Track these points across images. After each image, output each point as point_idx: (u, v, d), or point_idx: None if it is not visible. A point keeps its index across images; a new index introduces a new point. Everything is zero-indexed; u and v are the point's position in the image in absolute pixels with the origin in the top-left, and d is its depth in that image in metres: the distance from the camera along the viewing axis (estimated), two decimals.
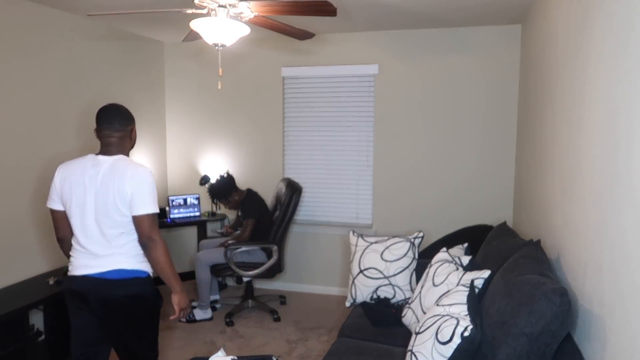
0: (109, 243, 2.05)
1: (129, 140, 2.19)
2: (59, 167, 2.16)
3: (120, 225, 2.05)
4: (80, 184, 2.06)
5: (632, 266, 1.35)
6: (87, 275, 2.06)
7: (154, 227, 2.05)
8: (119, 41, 4.15)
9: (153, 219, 2.05)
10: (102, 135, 2.12)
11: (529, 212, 3.13)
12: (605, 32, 1.67)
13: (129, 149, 2.20)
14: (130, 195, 2.01)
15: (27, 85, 3.27)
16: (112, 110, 2.14)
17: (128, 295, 2.07)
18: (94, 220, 2.04)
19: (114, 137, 2.11)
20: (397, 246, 2.92)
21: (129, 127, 2.17)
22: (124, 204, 2.01)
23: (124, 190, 2.00)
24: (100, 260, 2.06)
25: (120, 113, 2.14)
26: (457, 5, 3.33)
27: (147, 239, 2.03)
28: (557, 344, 1.61)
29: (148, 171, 2.09)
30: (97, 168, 2.07)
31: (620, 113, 1.49)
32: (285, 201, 3.90)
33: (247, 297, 4.10)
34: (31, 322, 3.16)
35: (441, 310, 1.91)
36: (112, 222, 2.03)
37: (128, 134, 2.17)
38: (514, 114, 3.94)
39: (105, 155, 2.11)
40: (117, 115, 2.12)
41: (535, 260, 1.98)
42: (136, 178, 2.03)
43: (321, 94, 4.42)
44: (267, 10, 2.44)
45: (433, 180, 4.19)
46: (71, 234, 2.14)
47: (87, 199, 2.04)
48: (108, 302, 2.06)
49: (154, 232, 2.04)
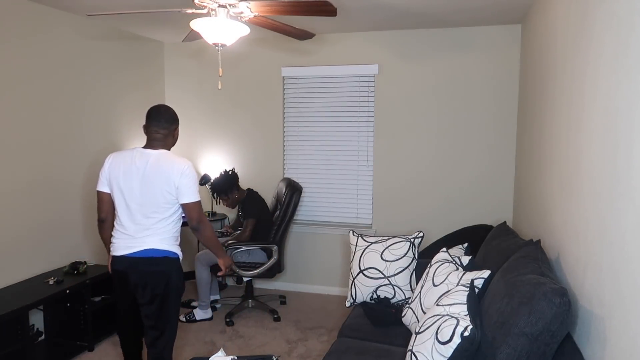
0: (147, 226, 2.36)
1: (172, 138, 2.49)
2: (110, 155, 2.45)
3: (162, 211, 2.36)
4: (128, 171, 2.34)
5: (632, 266, 1.35)
6: (125, 255, 2.39)
7: (201, 212, 2.43)
8: (119, 41, 4.15)
9: (200, 205, 2.42)
10: (150, 131, 2.42)
11: (529, 212, 3.13)
12: (605, 32, 1.67)
13: (171, 145, 2.50)
14: (178, 185, 2.33)
15: (27, 85, 3.27)
16: (162, 109, 2.47)
17: (156, 272, 2.39)
18: (138, 205, 2.34)
19: (160, 134, 2.42)
20: (397, 246, 2.92)
21: (173, 127, 2.48)
22: (170, 192, 2.33)
23: (172, 180, 2.31)
24: (137, 241, 2.37)
25: (168, 113, 2.47)
26: (457, 5, 3.33)
27: (198, 222, 2.40)
28: (557, 344, 1.61)
29: (191, 164, 2.40)
30: (145, 159, 2.35)
31: (620, 113, 1.49)
32: (285, 201, 3.90)
33: (247, 297, 4.10)
34: (31, 322, 3.16)
35: (441, 310, 1.91)
36: (155, 207, 2.34)
37: (172, 133, 2.47)
38: (514, 113, 3.94)
39: (151, 149, 2.40)
40: (166, 114, 2.45)
41: (535, 260, 1.98)
42: (183, 170, 2.34)
43: (321, 94, 4.42)
44: (267, 10, 2.44)
45: (433, 180, 4.19)
46: (113, 216, 2.46)
47: (134, 185, 2.33)
48: (141, 276, 2.39)
49: (202, 216, 2.43)
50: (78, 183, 3.73)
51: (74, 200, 3.69)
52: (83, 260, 3.57)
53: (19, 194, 3.24)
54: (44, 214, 3.44)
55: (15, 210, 3.21)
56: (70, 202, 3.66)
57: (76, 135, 3.71)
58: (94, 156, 3.87)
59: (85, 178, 3.80)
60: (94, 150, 3.88)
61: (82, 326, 3.35)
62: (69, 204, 3.64)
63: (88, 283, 3.34)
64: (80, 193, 3.75)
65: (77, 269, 3.42)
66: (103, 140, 3.98)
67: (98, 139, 3.93)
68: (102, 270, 3.54)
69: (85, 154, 3.79)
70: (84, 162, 3.78)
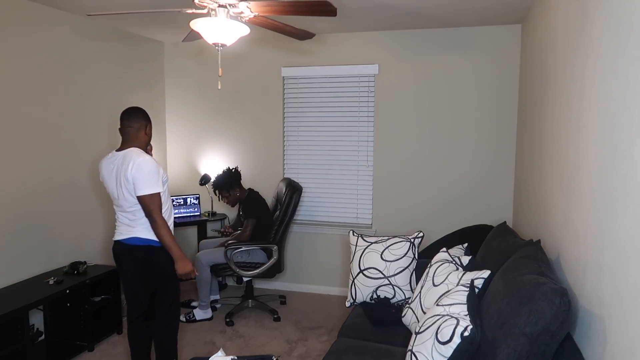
0: (132, 218, 2.59)
1: (144, 135, 2.63)
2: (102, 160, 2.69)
3: (135, 204, 2.53)
4: (107, 173, 2.60)
5: (632, 266, 1.35)
6: (117, 240, 2.66)
7: (153, 206, 2.49)
8: (119, 41, 4.15)
9: (154, 199, 2.50)
10: (122, 127, 2.62)
11: (529, 212, 3.13)
12: (605, 32, 1.67)
13: (144, 143, 2.64)
14: (132, 179, 2.47)
15: (26, 85, 3.27)
16: (132, 108, 2.66)
17: (140, 259, 2.62)
18: (119, 202, 2.60)
19: (131, 127, 2.60)
20: (397, 246, 2.92)
21: (144, 123, 2.63)
22: (128, 188, 2.50)
23: (128, 176, 2.47)
24: (126, 229, 2.62)
25: (139, 111, 2.66)
26: (458, 5, 3.33)
27: (148, 216, 2.52)
28: (557, 344, 1.61)
29: (149, 158, 2.52)
30: (115, 159, 2.57)
31: (619, 113, 1.49)
32: (285, 201, 3.90)
33: (247, 297, 4.10)
34: (31, 322, 3.16)
35: (441, 310, 1.91)
36: (129, 203, 2.54)
37: (142, 129, 2.62)
38: (514, 114, 3.94)
39: (119, 151, 2.59)
40: (136, 112, 2.64)
41: (535, 260, 1.98)
42: (136, 163, 2.47)
43: (321, 94, 4.42)
44: (267, 10, 2.44)
45: (433, 180, 4.19)
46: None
47: (111, 185, 2.60)
48: (129, 262, 2.65)
49: (153, 211, 2.50)
50: (78, 183, 3.73)
51: (74, 200, 3.68)
52: (83, 260, 3.57)
53: (19, 194, 3.24)
54: (44, 214, 3.44)
55: (15, 210, 3.21)
56: (71, 202, 3.66)
57: (77, 136, 3.71)
58: (94, 156, 3.87)
59: (86, 178, 3.80)
60: (94, 150, 3.87)
61: (82, 326, 3.35)
62: (69, 204, 3.64)
63: (88, 283, 3.34)
64: (81, 193, 3.75)
65: (77, 269, 3.42)
66: (103, 140, 3.98)
67: (98, 139, 3.93)
68: (102, 270, 3.54)
69: (85, 154, 3.79)
70: (84, 162, 3.78)
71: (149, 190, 2.48)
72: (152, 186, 2.49)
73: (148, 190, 2.48)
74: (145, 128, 2.64)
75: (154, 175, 2.49)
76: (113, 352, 3.33)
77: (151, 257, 2.62)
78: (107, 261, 3.91)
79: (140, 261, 2.63)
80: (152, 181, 2.49)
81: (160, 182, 2.54)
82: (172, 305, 2.76)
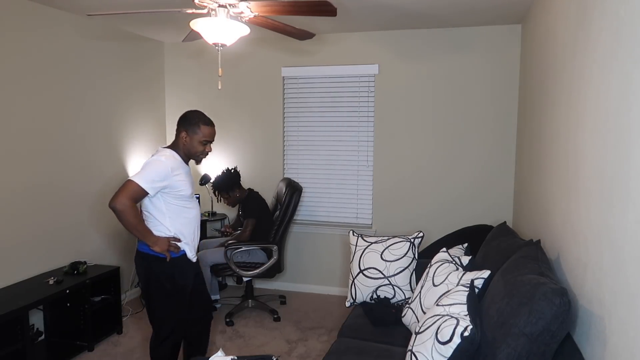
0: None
1: (178, 140, 2.51)
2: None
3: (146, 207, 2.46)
4: None
5: (632, 266, 1.35)
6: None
7: (123, 188, 2.30)
8: (119, 41, 4.15)
9: (129, 186, 2.30)
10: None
11: (529, 212, 3.13)
12: (605, 32, 1.67)
13: (179, 148, 2.50)
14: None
15: (26, 85, 3.27)
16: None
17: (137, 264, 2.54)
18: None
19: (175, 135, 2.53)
20: (397, 246, 2.92)
21: (179, 129, 2.50)
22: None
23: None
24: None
25: (181, 115, 2.53)
26: (458, 5, 3.33)
27: (113, 196, 2.31)
28: (557, 344, 1.61)
29: (163, 159, 2.39)
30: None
31: (620, 113, 1.49)
32: (285, 201, 3.90)
33: (247, 297, 4.10)
34: (31, 322, 3.16)
35: (441, 310, 1.91)
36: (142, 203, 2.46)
37: (178, 134, 2.50)
38: (514, 114, 3.94)
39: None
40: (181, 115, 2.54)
41: (535, 260, 1.98)
42: (148, 160, 2.42)
43: (321, 93, 4.42)
44: (267, 10, 2.44)
45: (433, 180, 4.19)
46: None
47: None
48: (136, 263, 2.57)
49: (119, 193, 2.29)
50: (78, 183, 3.73)
51: (74, 200, 3.68)
52: (83, 260, 3.57)
53: (19, 194, 3.24)
54: (44, 214, 3.44)
55: (15, 211, 3.21)
56: (71, 202, 3.66)
57: (77, 136, 3.71)
58: (94, 156, 3.87)
59: (86, 178, 3.80)
60: (94, 151, 3.88)
61: (82, 326, 3.35)
62: (69, 204, 3.64)
63: (88, 283, 3.34)
64: (81, 193, 3.75)
65: (77, 269, 3.42)
66: (103, 140, 3.99)
67: (98, 139, 3.93)
68: (102, 270, 3.54)
69: (85, 154, 3.79)
70: (85, 162, 3.78)
71: (135, 176, 2.31)
72: (140, 176, 2.32)
73: (134, 177, 2.31)
74: (180, 133, 2.49)
75: (150, 172, 2.34)
76: (113, 352, 3.33)
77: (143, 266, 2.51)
78: (107, 261, 3.92)
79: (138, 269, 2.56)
80: (144, 173, 2.34)
81: (153, 184, 2.33)
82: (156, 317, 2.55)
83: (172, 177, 2.38)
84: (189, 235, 2.53)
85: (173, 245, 2.44)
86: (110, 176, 4.06)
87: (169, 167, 2.37)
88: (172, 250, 2.44)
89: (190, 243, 2.54)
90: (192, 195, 2.55)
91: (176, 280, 2.49)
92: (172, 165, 2.39)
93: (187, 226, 2.52)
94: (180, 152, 2.49)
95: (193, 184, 2.58)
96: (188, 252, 2.54)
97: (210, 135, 2.51)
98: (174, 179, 2.39)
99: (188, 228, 2.52)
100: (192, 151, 2.50)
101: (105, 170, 4.01)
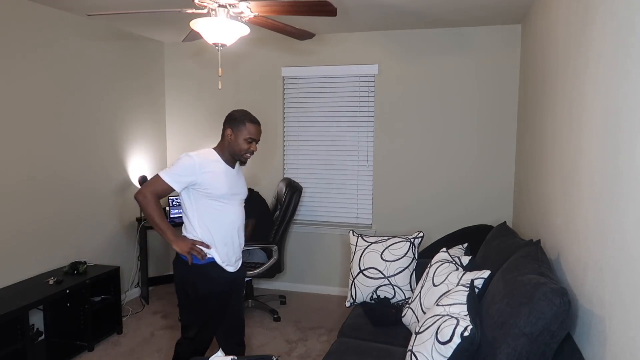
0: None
1: (223, 138, 2.44)
2: None
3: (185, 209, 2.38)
4: None
5: (632, 266, 1.35)
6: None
7: (149, 182, 2.32)
8: (119, 41, 4.15)
9: (154, 179, 2.30)
10: None
11: (529, 212, 3.13)
12: (606, 31, 1.67)
13: (223, 147, 2.43)
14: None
15: (26, 85, 3.27)
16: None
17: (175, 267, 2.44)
18: None
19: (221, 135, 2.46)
20: (397, 246, 2.92)
21: (224, 126, 2.44)
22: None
23: None
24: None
25: (227, 116, 2.48)
26: (458, 5, 3.33)
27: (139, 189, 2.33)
28: (557, 344, 1.61)
29: (193, 154, 2.32)
30: None
31: (620, 113, 1.49)
32: (285, 201, 3.90)
33: (247, 297, 4.10)
34: (31, 322, 3.16)
35: (441, 310, 1.91)
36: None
37: (224, 132, 2.43)
38: (514, 114, 3.94)
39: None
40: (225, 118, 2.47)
41: (535, 260, 1.98)
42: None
43: (321, 94, 4.42)
44: (267, 10, 2.44)
45: (433, 181, 4.19)
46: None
47: None
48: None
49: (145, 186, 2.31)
50: (78, 183, 3.73)
51: (74, 200, 3.68)
52: (83, 260, 3.57)
53: (20, 194, 3.24)
54: (45, 214, 3.44)
55: (15, 211, 3.21)
56: (71, 202, 3.65)
57: (77, 136, 3.71)
58: (94, 155, 3.87)
59: (86, 178, 3.80)
60: (94, 150, 3.87)
61: (82, 326, 3.35)
62: (69, 204, 3.64)
63: (88, 283, 3.34)
64: (81, 193, 3.75)
65: (77, 269, 3.42)
66: (103, 140, 3.98)
67: (99, 138, 3.93)
68: (102, 270, 3.54)
69: (85, 153, 3.79)
70: (84, 161, 3.78)
71: (162, 171, 2.29)
72: (166, 170, 2.29)
73: (160, 172, 2.29)
74: (225, 131, 2.41)
75: (176, 167, 2.28)
76: (113, 352, 3.33)
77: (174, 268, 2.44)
78: (107, 261, 3.92)
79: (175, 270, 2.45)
80: (171, 168, 2.29)
81: (178, 178, 2.27)
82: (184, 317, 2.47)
83: (200, 173, 2.28)
84: (219, 241, 2.36)
85: (197, 249, 2.30)
86: (110, 176, 4.06)
87: (197, 162, 2.29)
88: (195, 255, 2.30)
89: (221, 249, 2.37)
90: (231, 197, 2.40)
91: (197, 287, 2.35)
92: (202, 161, 2.31)
93: (218, 230, 2.36)
94: (225, 152, 2.41)
95: (236, 187, 2.44)
96: (218, 259, 2.36)
97: (255, 133, 2.42)
98: (202, 175, 2.29)
99: (219, 233, 2.36)
100: (237, 149, 2.39)
101: (106, 170, 4.01)
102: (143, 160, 4.46)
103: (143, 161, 4.46)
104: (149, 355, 3.28)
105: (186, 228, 2.39)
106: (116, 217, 4.16)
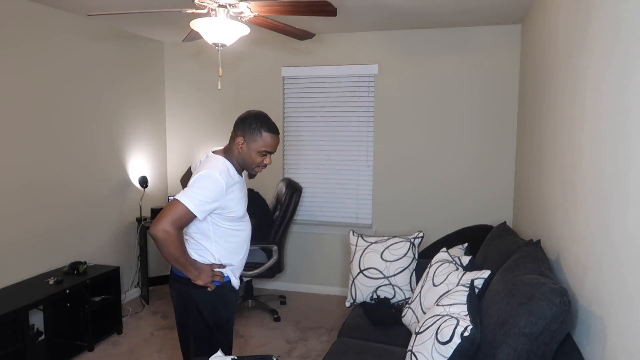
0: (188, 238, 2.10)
1: (234, 144, 2.09)
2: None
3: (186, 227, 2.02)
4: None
5: (632, 266, 1.35)
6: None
7: (167, 211, 1.86)
8: (119, 41, 4.15)
9: (173, 204, 1.88)
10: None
11: (529, 212, 3.13)
12: (606, 32, 1.67)
13: (233, 154, 2.09)
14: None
15: (26, 85, 3.27)
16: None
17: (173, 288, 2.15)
18: None
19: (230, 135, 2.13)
20: (397, 246, 2.92)
21: (235, 132, 2.10)
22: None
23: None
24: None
25: (240, 117, 2.12)
26: (457, 5, 3.33)
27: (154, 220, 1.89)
28: (557, 344, 1.61)
29: (210, 171, 1.95)
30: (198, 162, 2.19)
31: (620, 113, 1.49)
32: (285, 201, 3.90)
33: (247, 297, 4.10)
34: (31, 322, 3.16)
35: (441, 310, 1.91)
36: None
37: (234, 137, 2.10)
38: (514, 114, 3.94)
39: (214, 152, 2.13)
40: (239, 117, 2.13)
41: (535, 260, 1.98)
42: (200, 175, 1.94)
43: (321, 94, 4.42)
44: (267, 10, 2.44)
45: (433, 181, 4.19)
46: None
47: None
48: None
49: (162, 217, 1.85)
50: (78, 183, 3.73)
51: (74, 200, 3.68)
52: (83, 260, 3.57)
53: (20, 194, 3.24)
54: (45, 214, 3.44)
55: (15, 211, 3.21)
56: (71, 202, 3.65)
57: (77, 136, 3.71)
58: (94, 155, 3.87)
59: (86, 178, 3.79)
60: (94, 150, 3.87)
61: (82, 326, 3.34)
62: (69, 204, 3.64)
63: (88, 283, 3.34)
64: (81, 193, 3.75)
65: (77, 269, 3.42)
66: (103, 140, 3.98)
67: (99, 139, 3.93)
68: (102, 270, 3.54)
69: (86, 153, 3.79)
70: (85, 161, 3.78)
71: (182, 195, 1.88)
72: (188, 196, 1.88)
73: (180, 196, 1.89)
74: (236, 138, 2.08)
75: (201, 191, 1.90)
76: (113, 352, 3.33)
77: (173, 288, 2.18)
78: (107, 261, 3.92)
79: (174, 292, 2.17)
80: (194, 192, 1.90)
81: (204, 206, 1.91)
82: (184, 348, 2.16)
83: (225, 196, 1.96)
84: (237, 263, 2.14)
85: (218, 273, 2.06)
86: (110, 176, 4.06)
87: (223, 185, 1.94)
88: (216, 280, 2.05)
89: (237, 272, 2.17)
90: (245, 214, 2.16)
91: (220, 312, 2.11)
92: (227, 181, 1.96)
93: (236, 252, 2.13)
94: (234, 160, 2.08)
95: (246, 198, 2.18)
96: (233, 279, 2.15)
97: (272, 145, 2.07)
98: (227, 197, 1.97)
99: (237, 254, 2.13)
100: (248, 161, 2.08)
101: (106, 170, 4.01)
102: (143, 161, 4.46)
103: (143, 161, 4.46)
104: (149, 355, 3.29)
105: (199, 253, 2.06)
106: (116, 217, 4.15)
